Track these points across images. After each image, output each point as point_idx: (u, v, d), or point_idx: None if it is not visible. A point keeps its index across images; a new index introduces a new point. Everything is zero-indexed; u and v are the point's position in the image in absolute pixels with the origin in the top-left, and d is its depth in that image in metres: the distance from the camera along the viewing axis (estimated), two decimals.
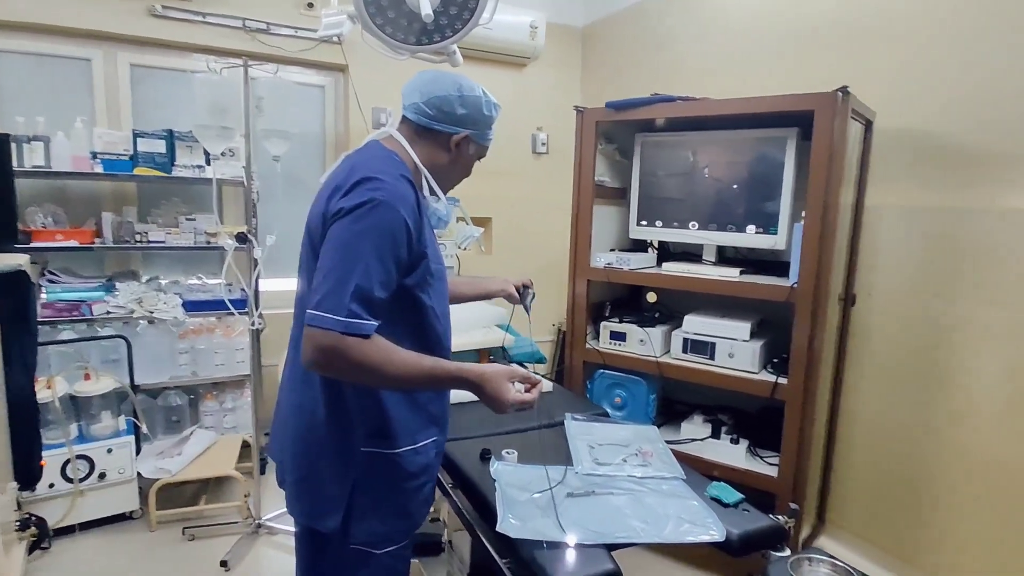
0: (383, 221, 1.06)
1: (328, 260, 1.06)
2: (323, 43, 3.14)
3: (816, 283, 1.91)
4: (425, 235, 1.15)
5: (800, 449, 1.99)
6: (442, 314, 1.24)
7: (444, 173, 1.26)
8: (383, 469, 1.17)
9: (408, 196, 1.10)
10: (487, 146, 1.31)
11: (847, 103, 1.84)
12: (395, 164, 1.16)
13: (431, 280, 1.17)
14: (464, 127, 1.23)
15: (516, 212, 3.87)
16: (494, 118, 1.27)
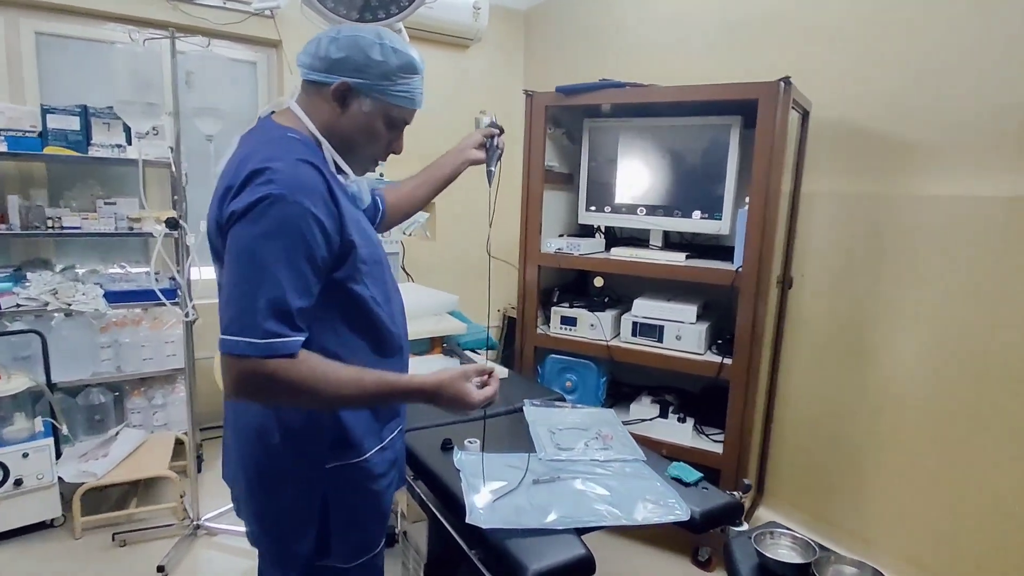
0: (285, 219, 0.90)
1: (231, 275, 0.92)
2: (254, 16, 2.96)
3: (759, 267, 1.98)
4: (347, 221, 0.99)
5: (743, 426, 2.07)
6: (386, 299, 1.10)
7: (348, 142, 1.06)
8: (354, 478, 1.08)
9: (311, 181, 0.94)
10: (403, 108, 1.06)
11: (789, 93, 1.90)
12: (290, 145, 0.98)
13: (364, 268, 1.03)
14: (342, 73, 1.00)
15: (461, 197, 3.81)
16: (392, 66, 1.01)
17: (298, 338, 0.92)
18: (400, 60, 1.02)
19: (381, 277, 1.10)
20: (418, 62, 1.06)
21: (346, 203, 1.01)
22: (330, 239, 0.96)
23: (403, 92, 1.04)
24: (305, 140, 1.02)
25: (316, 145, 1.03)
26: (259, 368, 0.89)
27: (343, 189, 1.04)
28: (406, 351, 1.21)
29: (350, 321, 1.05)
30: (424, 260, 3.60)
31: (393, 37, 1.04)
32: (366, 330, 1.07)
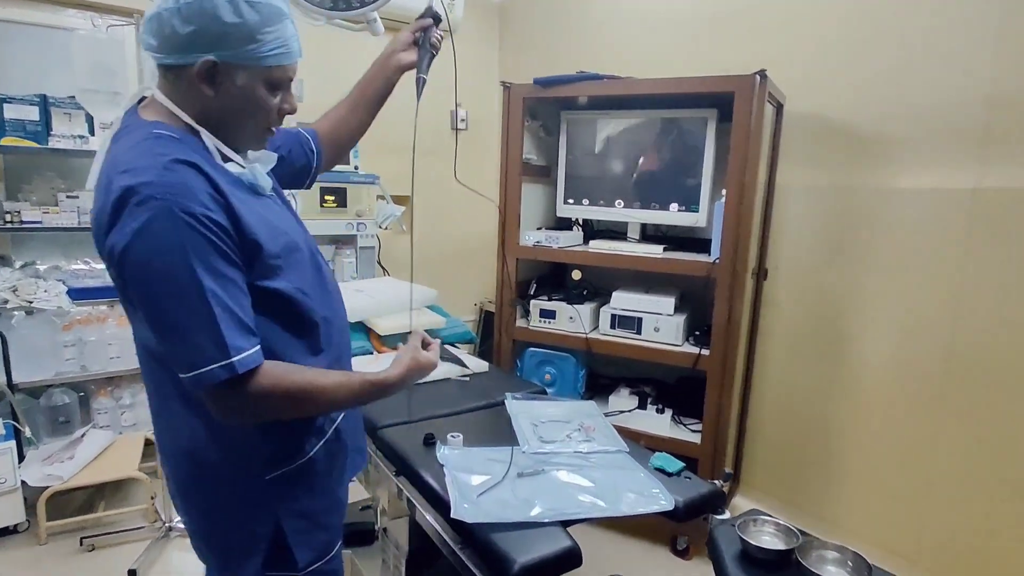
0: (180, 233, 0.81)
1: (157, 313, 0.84)
2: None
3: (735, 259, 2.00)
4: (244, 218, 0.89)
5: (720, 416, 2.10)
6: (311, 288, 1.01)
7: (231, 123, 0.94)
8: (301, 481, 1.03)
9: (190, 183, 0.83)
10: (278, 65, 0.91)
11: (764, 86, 1.93)
12: (159, 146, 0.86)
13: (278, 261, 0.94)
14: (200, 50, 0.86)
15: (436, 190, 3.77)
16: (253, 23, 0.86)
17: (259, 345, 0.88)
18: (260, 12, 0.87)
19: (303, 264, 1.01)
20: (279, 5, 0.90)
21: (241, 197, 0.91)
22: (232, 236, 0.87)
23: (276, 49, 0.90)
24: (178, 134, 0.90)
25: (194, 136, 0.91)
26: (247, 388, 0.86)
27: (236, 182, 0.93)
28: (345, 342, 1.16)
29: (281, 321, 0.97)
30: (400, 254, 3.56)
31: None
32: (298, 327, 1.00)
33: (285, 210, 1.05)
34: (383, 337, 1.92)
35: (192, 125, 0.91)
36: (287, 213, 1.05)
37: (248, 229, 0.89)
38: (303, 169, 1.28)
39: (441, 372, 1.79)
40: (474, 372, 1.83)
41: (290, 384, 0.91)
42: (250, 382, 0.86)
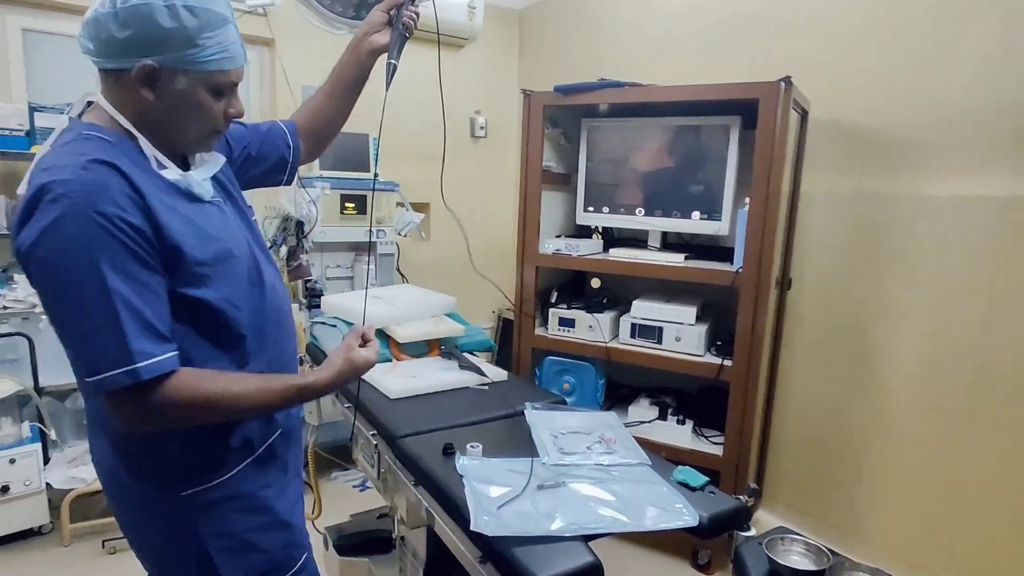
0: (90, 230, 0.78)
1: (62, 313, 0.82)
2: (247, 14, 2.92)
3: (759, 268, 1.97)
4: (165, 222, 0.85)
5: (744, 428, 2.06)
6: (242, 299, 0.97)
7: (171, 127, 0.92)
8: (222, 500, 0.98)
9: (106, 183, 0.81)
10: (220, 71, 0.89)
11: (790, 93, 1.90)
12: (83, 146, 0.84)
13: (204, 269, 0.91)
14: (138, 54, 0.84)
15: (455, 197, 3.78)
16: (192, 28, 0.84)
17: (173, 352, 0.85)
18: (199, 17, 0.85)
19: (235, 274, 0.96)
20: (222, 11, 0.88)
21: (167, 202, 0.88)
22: (150, 240, 0.84)
23: (216, 54, 0.87)
24: (112, 137, 0.88)
25: (131, 141, 0.89)
26: (152, 396, 0.83)
27: (170, 187, 0.91)
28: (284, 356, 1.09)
29: (203, 331, 0.93)
30: (418, 261, 3.57)
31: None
32: (221, 338, 0.96)
33: (229, 216, 1.02)
34: (402, 345, 1.92)
35: (129, 130, 0.89)
36: (230, 219, 1.02)
37: (169, 234, 0.86)
38: (278, 164, 1.26)
39: (460, 380, 1.78)
40: (493, 381, 1.82)
41: (200, 391, 0.87)
42: (156, 389, 0.83)
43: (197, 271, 0.90)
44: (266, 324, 1.03)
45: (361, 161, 2.97)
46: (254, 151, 1.22)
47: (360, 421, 1.66)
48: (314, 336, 2.03)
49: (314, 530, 2.22)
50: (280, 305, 1.08)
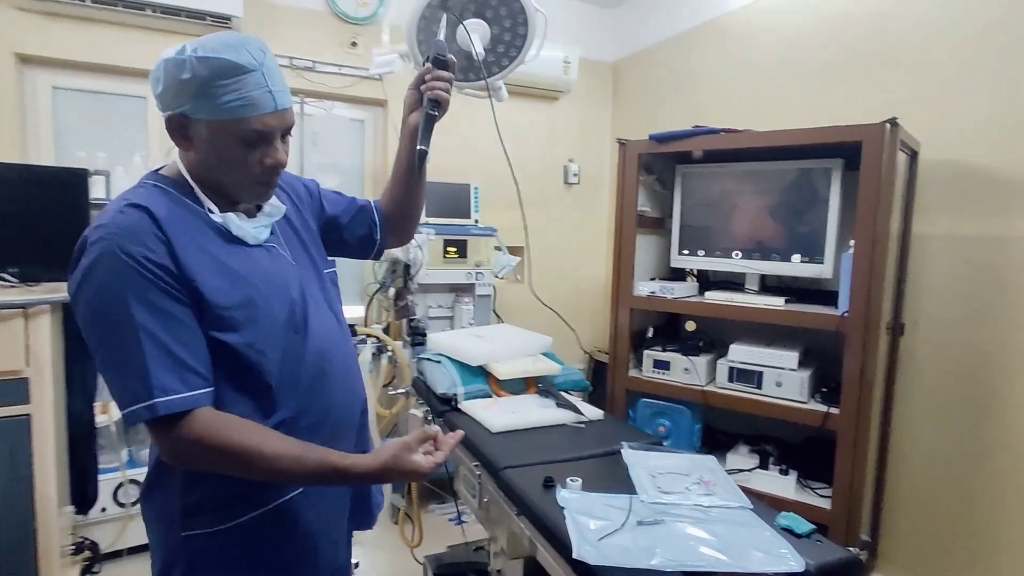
0: (118, 271, 0.83)
1: (97, 351, 0.86)
2: (364, 79, 3.26)
3: (867, 312, 1.90)
4: (190, 264, 0.89)
5: (854, 481, 1.96)
6: (272, 347, 0.96)
7: (211, 173, 0.96)
8: (219, 550, 0.96)
9: (135, 224, 0.86)
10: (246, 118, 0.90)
11: (896, 134, 1.86)
12: (131, 192, 0.93)
13: (229, 312, 0.92)
14: (169, 107, 0.91)
15: (549, 241, 3.92)
16: (203, 77, 0.87)
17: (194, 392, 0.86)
18: (209, 68, 0.87)
19: (266, 320, 0.96)
20: (237, 59, 0.88)
21: (200, 244, 0.92)
22: (176, 277, 0.88)
23: (232, 101, 0.88)
24: (170, 184, 0.96)
25: (187, 187, 0.96)
26: (175, 433, 0.84)
27: (217, 231, 0.95)
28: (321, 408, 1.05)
29: (229, 375, 0.93)
30: (514, 302, 3.70)
31: (204, 44, 0.89)
32: (244, 386, 0.95)
33: (280, 261, 1.04)
34: (501, 382, 2.01)
35: (183, 172, 0.95)
36: (280, 264, 1.04)
37: (190, 276, 0.88)
38: (366, 239, 1.30)
39: (557, 418, 1.83)
40: (589, 419, 1.86)
41: (227, 440, 0.86)
42: (177, 427, 0.84)
43: (221, 314, 0.91)
44: (302, 373, 1.01)
45: (463, 208, 3.18)
46: (344, 220, 1.26)
47: (463, 453, 1.75)
48: (420, 371, 2.17)
49: (413, 558, 2.32)
50: (327, 354, 1.06)
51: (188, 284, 0.89)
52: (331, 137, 2.39)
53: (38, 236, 1.80)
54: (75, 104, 2.87)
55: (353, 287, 3.46)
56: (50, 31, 2.69)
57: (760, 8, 2.88)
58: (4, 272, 1.80)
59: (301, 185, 1.24)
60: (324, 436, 1.04)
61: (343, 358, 1.11)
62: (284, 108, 0.95)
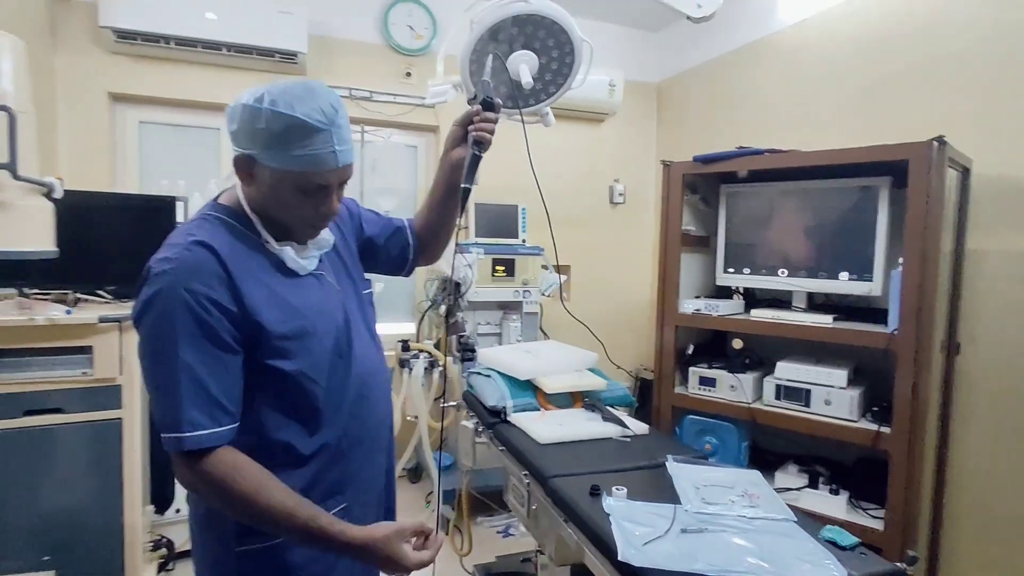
0: (175, 308, 0.90)
1: (147, 378, 0.94)
2: (418, 107, 3.43)
3: (918, 330, 1.89)
4: (250, 299, 0.96)
5: (908, 502, 1.93)
6: (321, 373, 1.03)
7: (269, 212, 1.02)
8: (269, 564, 1.01)
9: (199, 262, 0.93)
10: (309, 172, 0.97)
11: (943, 152, 1.86)
12: (195, 227, 0.99)
13: (284, 343, 0.99)
14: (241, 145, 0.98)
15: (595, 259, 3.98)
16: (277, 131, 0.93)
17: (219, 430, 0.91)
18: (282, 123, 0.93)
19: (317, 349, 1.03)
20: (309, 121, 0.94)
21: (260, 278, 0.99)
22: (234, 316, 0.94)
23: (300, 156, 0.95)
24: (231, 215, 1.02)
25: (247, 219, 1.02)
26: (193, 466, 0.90)
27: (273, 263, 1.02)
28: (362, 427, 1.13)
29: (276, 402, 1.00)
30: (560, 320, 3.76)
31: (282, 96, 0.94)
32: (293, 410, 1.02)
33: (327, 289, 1.11)
34: (548, 395, 2.08)
35: (244, 206, 1.02)
36: (327, 292, 1.11)
37: (252, 310, 0.95)
38: (399, 257, 1.37)
39: (603, 431, 1.89)
40: (635, 434, 1.90)
41: (232, 480, 0.91)
42: (199, 462, 0.90)
43: (277, 344, 0.98)
44: (345, 397, 1.08)
45: (511, 228, 3.29)
46: (380, 240, 1.33)
47: (512, 463, 1.83)
48: (470, 385, 2.26)
49: (462, 567, 2.39)
50: (366, 378, 1.12)
51: (248, 318, 0.95)
52: (388, 163, 2.55)
53: (131, 258, 1.97)
54: (158, 136, 3.15)
55: (405, 304, 3.61)
56: (138, 71, 2.97)
57: (807, 27, 2.91)
58: (101, 290, 2.00)
59: (343, 207, 1.29)
60: (364, 452, 1.14)
61: (380, 381, 1.19)
62: (346, 165, 1.02)
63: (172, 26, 2.77)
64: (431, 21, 3.43)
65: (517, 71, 2.26)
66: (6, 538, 1.74)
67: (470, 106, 1.27)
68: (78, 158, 2.88)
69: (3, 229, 1.34)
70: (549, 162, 3.83)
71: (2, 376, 1.74)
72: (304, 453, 1.05)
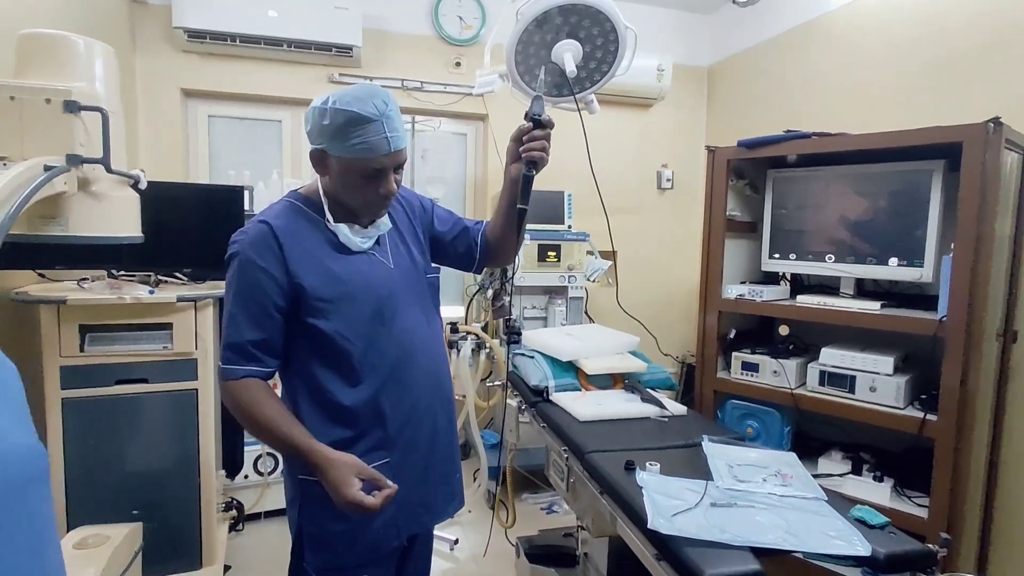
0: (235, 273, 1.16)
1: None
2: (467, 96, 3.52)
3: (969, 317, 1.85)
4: (295, 266, 1.17)
5: (954, 490, 1.91)
6: (358, 335, 1.21)
7: (340, 197, 1.23)
8: (323, 497, 1.14)
9: (258, 237, 1.17)
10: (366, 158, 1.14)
11: (1000, 134, 1.81)
12: (271, 208, 1.24)
13: (323, 304, 1.18)
14: (316, 142, 1.18)
15: (641, 246, 3.99)
16: (338, 125, 1.12)
17: (246, 367, 1.16)
18: (343, 117, 1.12)
19: (356, 314, 1.21)
20: (363, 112, 1.11)
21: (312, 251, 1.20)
22: (279, 281, 1.17)
23: (358, 144, 1.13)
24: (305, 202, 1.25)
25: (318, 204, 1.24)
26: (223, 387, 1.17)
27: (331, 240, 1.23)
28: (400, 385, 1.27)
29: (319, 355, 1.20)
30: (605, 305, 3.81)
31: (342, 98, 1.12)
32: (334, 363, 1.21)
33: (379, 266, 1.28)
34: (589, 376, 2.15)
35: (320, 191, 1.25)
36: (378, 269, 1.28)
37: (295, 274, 1.17)
38: (466, 255, 1.49)
39: (642, 411, 1.95)
40: (673, 415, 1.95)
41: (244, 404, 1.15)
42: (228, 387, 1.16)
43: (316, 304, 1.19)
44: (384, 361, 1.24)
45: (557, 214, 3.35)
46: (448, 237, 1.47)
47: (553, 439, 1.92)
48: (515, 365, 2.35)
49: (507, 539, 2.51)
50: (410, 347, 1.28)
51: (292, 280, 1.17)
52: (438, 151, 2.65)
53: (204, 242, 2.18)
54: (225, 129, 3.36)
55: (455, 289, 3.73)
56: (207, 68, 3.18)
57: (861, 6, 2.82)
58: (179, 272, 2.19)
59: (418, 202, 1.49)
60: (406, 415, 1.29)
61: (429, 355, 1.32)
62: (397, 150, 1.19)
63: (237, 24, 2.95)
64: (480, 11, 3.50)
65: (562, 60, 2.32)
66: (101, 492, 1.96)
67: (524, 120, 1.33)
68: (155, 151, 3.12)
69: (99, 218, 1.51)
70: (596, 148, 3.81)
71: (98, 348, 1.94)
72: (345, 403, 1.23)
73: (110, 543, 1.67)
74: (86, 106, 1.43)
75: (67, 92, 1.41)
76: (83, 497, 1.95)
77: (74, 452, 1.93)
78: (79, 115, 1.42)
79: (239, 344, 1.16)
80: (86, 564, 1.56)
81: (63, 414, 1.91)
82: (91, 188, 1.49)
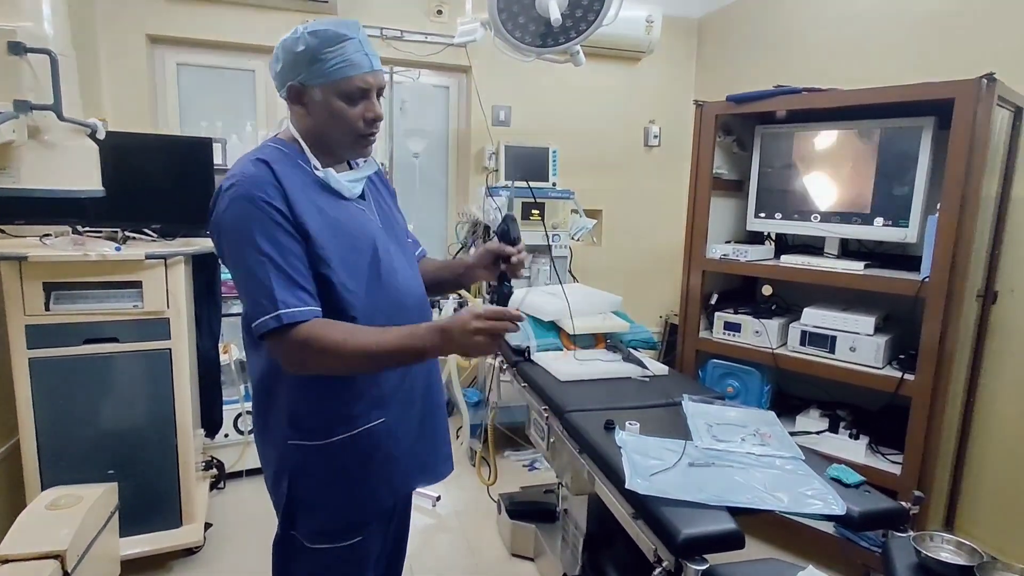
0: (248, 211, 1.03)
1: (235, 275, 1.07)
2: (449, 47, 3.38)
3: (951, 278, 1.85)
4: (298, 208, 1.07)
5: (927, 448, 1.94)
6: (357, 284, 1.13)
7: (324, 134, 1.13)
8: (315, 461, 1.13)
9: (259, 175, 1.05)
10: (349, 77, 1.08)
11: (992, 90, 1.77)
12: (258, 151, 1.11)
13: (330, 255, 1.09)
14: (291, 77, 1.09)
15: (627, 204, 3.94)
16: (314, 47, 1.06)
17: (310, 307, 1.03)
18: (319, 38, 1.06)
19: (356, 264, 1.13)
20: (339, 30, 1.07)
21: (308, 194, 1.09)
22: (292, 223, 1.05)
23: (337, 63, 1.07)
24: (285, 147, 1.13)
25: (299, 150, 1.13)
26: (292, 339, 1.01)
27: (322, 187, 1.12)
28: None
29: (324, 304, 1.09)
30: (590, 264, 3.78)
31: (311, 23, 1.08)
32: (335, 312, 1.10)
33: (368, 217, 1.20)
34: (572, 336, 2.13)
35: (296, 136, 1.13)
36: (367, 220, 1.20)
37: (301, 219, 1.06)
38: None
39: (623, 371, 1.94)
40: (654, 374, 1.95)
41: (328, 337, 1.02)
42: (294, 333, 1.01)
43: (320, 253, 1.08)
44: (379, 313, 1.15)
45: (541, 171, 3.27)
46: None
47: (533, 398, 1.91)
48: None
49: (488, 496, 2.53)
50: (405, 302, 1.22)
51: (300, 226, 1.06)
52: (418, 104, 2.55)
53: (173, 197, 2.10)
54: (196, 78, 3.20)
55: (437, 246, 3.67)
56: (175, 13, 3.00)
57: None
58: (147, 228, 2.11)
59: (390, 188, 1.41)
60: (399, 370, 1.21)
61: (419, 307, 1.28)
62: (379, 69, 1.14)
63: None
64: None
65: (546, 8, 2.21)
66: (75, 452, 1.93)
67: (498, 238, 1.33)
68: (121, 101, 2.97)
69: (54, 169, 1.43)
70: (581, 103, 3.75)
71: (64, 307, 1.87)
72: None
73: (84, 503, 1.64)
74: (33, 48, 1.33)
75: (11, 32, 1.31)
76: (56, 458, 1.91)
77: (45, 413, 1.89)
78: (25, 58, 1.32)
79: (287, 284, 1.03)
80: (60, 525, 1.53)
81: (31, 374, 1.86)
82: (43, 137, 1.40)
